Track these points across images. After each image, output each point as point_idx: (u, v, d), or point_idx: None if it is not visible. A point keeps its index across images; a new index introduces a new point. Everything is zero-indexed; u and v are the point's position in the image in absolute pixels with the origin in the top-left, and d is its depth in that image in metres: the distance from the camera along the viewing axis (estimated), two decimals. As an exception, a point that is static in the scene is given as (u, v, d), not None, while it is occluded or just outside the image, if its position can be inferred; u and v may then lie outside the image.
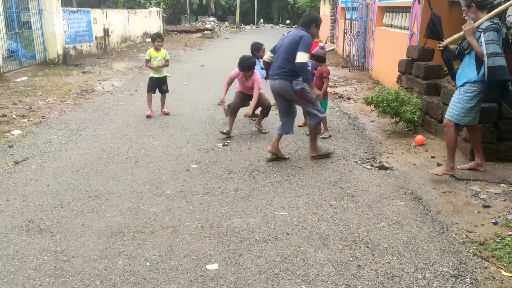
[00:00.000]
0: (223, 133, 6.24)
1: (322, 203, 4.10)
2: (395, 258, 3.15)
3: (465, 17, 4.61)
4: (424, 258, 3.15)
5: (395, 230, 3.54)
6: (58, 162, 5.28)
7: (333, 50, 18.18)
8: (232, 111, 6.42)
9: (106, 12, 17.55)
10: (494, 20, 4.48)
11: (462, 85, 4.67)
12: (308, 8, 27.61)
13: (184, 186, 4.57)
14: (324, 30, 21.33)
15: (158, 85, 7.57)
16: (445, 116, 4.80)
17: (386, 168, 5.02)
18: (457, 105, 4.67)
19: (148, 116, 7.36)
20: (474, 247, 3.32)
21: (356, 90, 10.11)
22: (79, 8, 15.79)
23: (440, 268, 3.02)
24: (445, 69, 7.11)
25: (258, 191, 4.42)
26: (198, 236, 3.53)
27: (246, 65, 6.37)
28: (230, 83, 6.69)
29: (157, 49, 7.51)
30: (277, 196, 4.28)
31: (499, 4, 6.71)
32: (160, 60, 7.48)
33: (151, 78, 7.55)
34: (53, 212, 3.98)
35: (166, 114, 7.61)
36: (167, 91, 7.74)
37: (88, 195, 4.35)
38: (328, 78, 6.42)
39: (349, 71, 12.68)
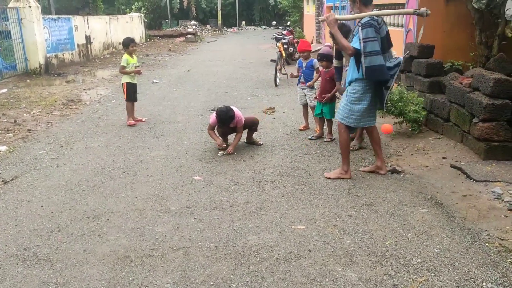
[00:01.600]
0: (221, 149, 5.74)
1: (340, 213, 3.84)
2: (433, 274, 2.90)
3: (351, 12, 4.43)
4: (464, 273, 2.91)
5: (425, 242, 3.30)
6: (50, 180, 4.93)
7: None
8: (223, 136, 5.92)
9: (87, 19, 17.08)
10: (374, 17, 4.29)
11: (349, 85, 4.57)
12: (291, 9, 27.45)
13: (189, 201, 4.27)
14: (310, 30, 21.22)
15: (135, 91, 7.39)
16: (336, 117, 4.81)
17: (398, 172, 4.80)
18: (345, 106, 4.59)
19: (131, 125, 7.11)
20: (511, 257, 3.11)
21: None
22: (60, 16, 15.29)
23: (484, 284, 2.78)
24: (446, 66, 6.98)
25: (270, 203, 4.15)
26: (213, 258, 3.24)
27: (227, 119, 5.55)
28: (213, 128, 5.80)
29: (131, 55, 7.27)
30: (291, 208, 4.01)
31: (499, 3, 6.59)
32: (135, 67, 7.32)
33: (129, 85, 7.23)
34: (50, 237, 3.65)
35: (142, 122, 7.36)
36: (136, 98, 7.52)
37: (86, 216, 4.02)
38: None
39: (340, 70, 12.48)
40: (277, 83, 10.46)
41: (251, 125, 5.93)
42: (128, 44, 7.19)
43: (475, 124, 5.05)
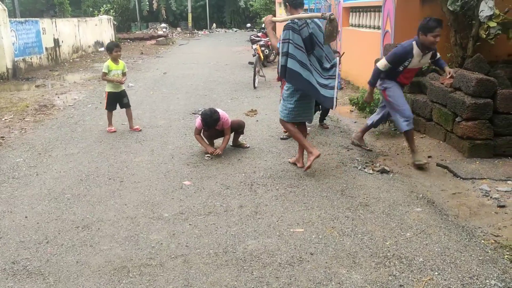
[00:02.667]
0: (208, 154, 5.61)
1: (337, 215, 3.84)
2: (436, 273, 2.93)
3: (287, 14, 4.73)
4: (466, 270, 2.95)
5: (424, 241, 3.33)
6: (32, 189, 4.72)
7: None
8: (209, 140, 5.83)
9: (55, 22, 16.61)
10: (295, 20, 4.54)
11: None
12: (262, 11, 27.53)
13: (182, 206, 4.17)
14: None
15: (118, 100, 6.96)
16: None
17: (387, 172, 4.85)
18: (282, 102, 4.95)
19: (112, 132, 6.85)
20: (508, 253, 3.17)
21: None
22: (27, 19, 14.79)
23: (487, 281, 2.82)
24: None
25: (264, 206, 4.11)
26: (214, 265, 3.17)
27: (212, 122, 5.42)
28: (200, 132, 5.70)
29: (115, 60, 6.85)
30: (287, 211, 3.98)
31: (473, 5, 6.77)
32: (119, 74, 6.86)
33: (110, 94, 6.88)
34: (39, 249, 3.49)
35: (138, 131, 6.91)
36: (129, 104, 7.06)
37: (75, 226, 3.87)
38: None
39: (316, 72, 12.58)
40: (256, 85, 10.44)
41: (238, 128, 5.87)
42: (112, 49, 6.81)
43: (458, 123, 5.17)
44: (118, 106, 7.01)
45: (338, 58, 4.85)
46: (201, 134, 5.70)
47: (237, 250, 3.36)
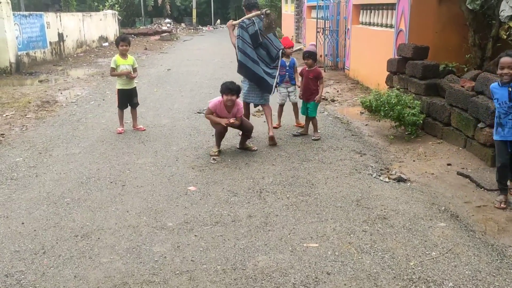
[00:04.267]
0: (214, 156, 5.42)
1: (354, 229, 3.58)
2: (468, 300, 2.67)
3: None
4: (501, 297, 2.69)
5: (452, 262, 3.06)
6: (30, 192, 4.49)
7: (300, 50, 17.81)
8: (219, 135, 5.56)
9: (60, 16, 16.37)
10: (244, 20, 5.70)
11: None
12: (267, 7, 27.19)
13: (187, 215, 3.92)
14: (288, 30, 21.00)
15: (129, 98, 6.66)
16: None
17: (404, 180, 4.58)
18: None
19: (119, 133, 6.53)
20: (543, 276, 2.90)
21: (338, 91, 9.72)
22: (31, 12, 14.54)
23: (526, 310, 2.56)
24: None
25: (275, 217, 3.85)
26: (222, 284, 2.92)
27: (234, 88, 5.28)
28: (212, 113, 5.47)
29: (123, 55, 6.57)
30: (299, 223, 3.72)
31: (493, 4, 6.48)
32: (128, 69, 6.55)
33: (121, 91, 6.60)
34: (35, 261, 3.24)
35: (142, 130, 6.65)
36: (137, 104, 6.80)
37: (74, 234, 3.62)
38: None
39: (324, 71, 12.30)
40: (262, 84, 10.14)
41: (247, 130, 5.61)
42: (118, 43, 6.52)
43: (481, 129, 4.89)
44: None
45: (280, 51, 5.82)
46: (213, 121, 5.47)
47: (246, 266, 3.11)
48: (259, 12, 5.58)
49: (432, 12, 7.45)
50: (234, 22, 5.88)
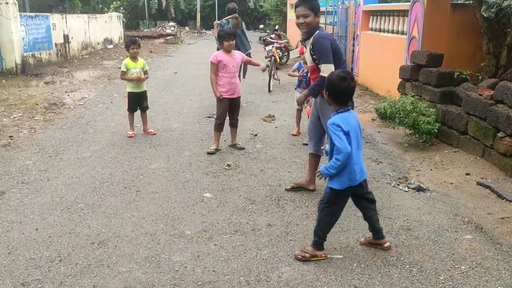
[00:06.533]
0: (210, 153, 5.61)
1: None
2: (504, 317, 2.58)
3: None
4: (538, 314, 2.60)
5: (483, 276, 2.98)
6: (42, 196, 4.40)
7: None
8: (219, 126, 5.71)
9: (65, 17, 16.32)
10: (223, 21, 8.31)
11: None
12: (273, 13, 27.19)
13: (204, 223, 3.84)
14: (294, 35, 20.96)
15: (139, 101, 6.55)
16: None
17: (424, 190, 4.50)
18: None
19: (130, 137, 6.44)
20: None
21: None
22: (38, 13, 14.50)
23: None
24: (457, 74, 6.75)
25: (295, 226, 3.76)
26: (247, 296, 2.83)
27: (232, 32, 5.80)
28: (216, 72, 5.63)
29: (134, 58, 6.47)
30: (320, 232, 3.63)
31: (508, 6, 6.43)
32: (139, 72, 6.46)
33: (131, 94, 6.49)
34: (51, 269, 3.16)
35: (153, 134, 6.58)
36: (147, 107, 6.71)
37: (90, 241, 3.54)
38: None
39: (332, 77, 12.22)
40: (271, 89, 10.10)
41: (235, 109, 5.82)
42: (128, 46, 6.42)
43: (501, 138, 4.81)
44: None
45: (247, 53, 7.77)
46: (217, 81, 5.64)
47: (270, 278, 3.02)
48: (232, 16, 8.24)
49: (445, 19, 7.39)
50: (218, 21, 8.63)
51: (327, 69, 3.89)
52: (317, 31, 4.09)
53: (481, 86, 5.73)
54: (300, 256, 3.21)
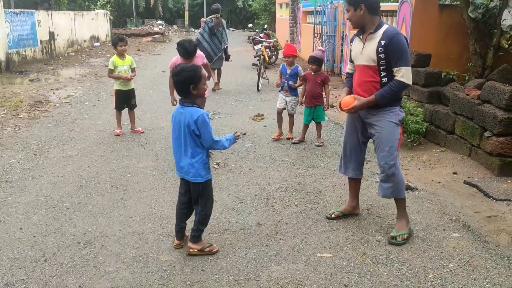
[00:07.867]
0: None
1: (367, 238, 3.49)
2: (493, 315, 2.59)
3: None
4: (526, 312, 2.62)
5: (472, 274, 2.99)
6: (27, 195, 4.32)
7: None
8: None
9: (51, 14, 16.10)
10: (208, 18, 9.81)
11: None
12: (262, 12, 27.17)
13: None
14: (283, 34, 20.97)
15: (126, 99, 6.47)
16: None
17: (412, 189, 4.51)
18: None
19: (117, 135, 6.37)
20: None
21: (336, 97, 9.63)
22: (23, 10, 14.28)
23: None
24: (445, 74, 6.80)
25: (285, 225, 3.74)
26: (236, 295, 2.80)
27: (191, 48, 5.06)
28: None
29: (121, 56, 6.40)
30: (310, 232, 3.62)
31: (495, 7, 6.51)
32: (127, 70, 6.39)
33: (119, 92, 6.40)
34: (36, 269, 3.09)
35: (140, 133, 6.52)
36: (135, 105, 6.62)
37: (76, 241, 3.48)
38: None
39: (320, 76, 12.25)
40: (260, 88, 10.07)
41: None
42: (116, 43, 6.33)
43: (487, 138, 4.85)
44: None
45: (222, 52, 9.90)
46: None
47: (260, 277, 2.99)
48: (214, 15, 9.72)
49: (433, 20, 7.43)
50: (204, 19, 10.05)
51: (408, 74, 3.31)
52: (386, 26, 3.36)
53: (468, 86, 5.78)
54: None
